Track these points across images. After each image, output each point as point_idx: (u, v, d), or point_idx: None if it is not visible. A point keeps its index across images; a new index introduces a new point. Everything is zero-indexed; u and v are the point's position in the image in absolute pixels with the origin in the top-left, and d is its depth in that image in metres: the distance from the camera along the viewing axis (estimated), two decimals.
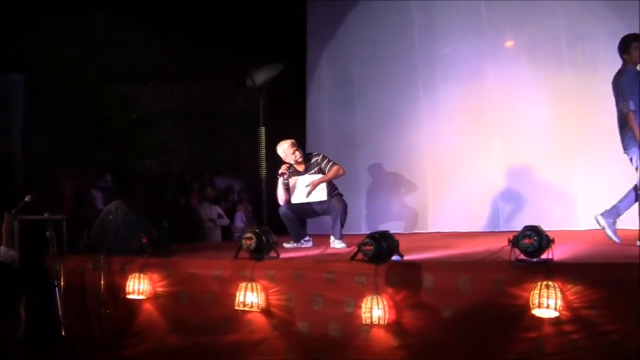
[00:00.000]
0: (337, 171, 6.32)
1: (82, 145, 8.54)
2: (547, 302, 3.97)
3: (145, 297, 5.55)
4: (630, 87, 5.08)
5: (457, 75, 8.33)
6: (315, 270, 4.95)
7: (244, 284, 5.01)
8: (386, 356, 4.56)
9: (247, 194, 10.14)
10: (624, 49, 5.21)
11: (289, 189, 6.43)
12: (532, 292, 4.03)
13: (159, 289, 5.57)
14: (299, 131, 9.07)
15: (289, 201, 6.42)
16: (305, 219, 6.94)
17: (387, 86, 8.84)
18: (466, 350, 4.34)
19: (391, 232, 4.82)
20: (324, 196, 6.27)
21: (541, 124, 7.79)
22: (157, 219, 6.13)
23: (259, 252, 5.16)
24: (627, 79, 5.11)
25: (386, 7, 8.85)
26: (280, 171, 6.48)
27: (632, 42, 5.18)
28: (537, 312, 4.03)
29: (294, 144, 6.49)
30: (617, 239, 5.21)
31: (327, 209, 6.32)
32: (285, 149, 6.46)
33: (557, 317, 4.01)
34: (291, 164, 6.48)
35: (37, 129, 7.95)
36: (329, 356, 4.78)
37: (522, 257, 4.22)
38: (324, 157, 6.44)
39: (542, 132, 7.78)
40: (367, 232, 5.43)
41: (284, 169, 6.47)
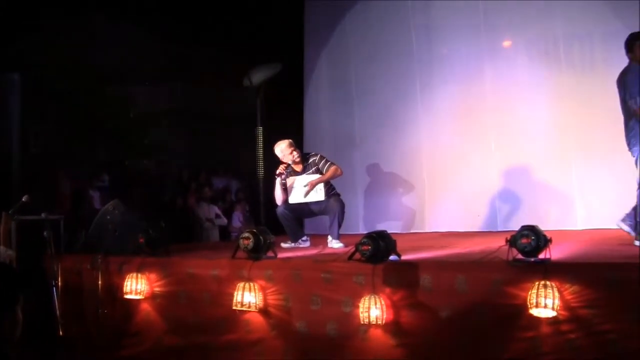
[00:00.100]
0: (335, 171, 6.32)
1: (79, 145, 8.53)
2: (545, 302, 3.96)
3: (142, 297, 5.54)
4: (636, 86, 5.06)
5: (454, 75, 8.34)
6: (312, 270, 4.94)
7: (241, 284, 5.00)
8: (384, 356, 4.55)
9: (244, 194, 10.13)
10: (630, 47, 5.19)
11: (286, 189, 6.42)
12: (530, 292, 4.02)
13: (157, 289, 5.56)
14: (297, 131, 9.08)
15: (286, 201, 6.41)
16: (302, 219, 6.95)
17: (384, 86, 8.85)
18: (464, 349, 4.34)
19: (389, 231, 4.81)
20: (322, 196, 6.27)
21: (539, 124, 7.80)
22: (154, 219, 6.12)
23: (257, 252, 5.15)
24: (632, 78, 5.09)
25: (384, 7, 8.86)
26: (278, 171, 6.47)
27: (637, 41, 5.15)
28: (534, 311, 4.02)
29: (292, 144, 6.48)
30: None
31: (324, 208, 6.31)
32: (283, 148, 6.45)
33: (555, 316, 4.01)
34: (289, 164, 6.47)
35: (35, 129, 7.95)
36: (327, 356, 4.77)
37: (520, 256, 4.22)
38: (322, 157, 6.43)
39: (539, 132, 7.79)
40: (365, 231, 5.42)
41: (281, 169, 6.47)
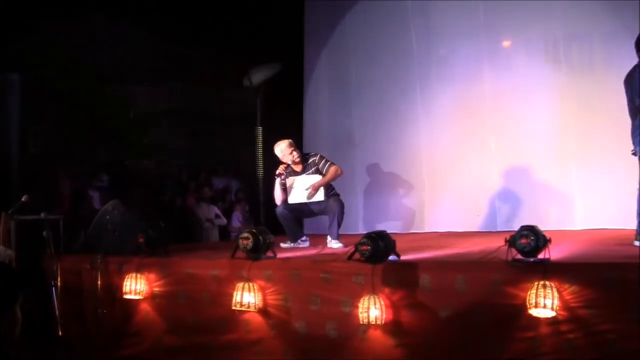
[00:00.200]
0: (335, 171, 6.31)
1: (79, 145, 8.52)
2: (544, 302, 3.96)
3: (142, 297, 5.54)
4: None
5: (454, 75, 8.34)
6: (312, 270, 4.94)
7: (241, 284, 5.00)
8: (383, 356, 4.55)
9: (244, 194, 10.13)
10: (639, 47, 5.18)
11: (286, 189, 6.42)
12: (529, 292, 4.03)
13: (156, 289, 5.56)
14: (296, 131, 9.08)
15: (286, 201, 6.41)
16: (302, 219, 6.95)
17: (384, 86, 8.85)
18: (463, 349, 4.34)
19: (388, 231, 4.81)
20: (321, 196, 6.26)
21: (538, 124, 7.80)
22: (154, 219, 6.12)
23: (256, 252, 5.15)
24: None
25: (384, 7, 8.86)
26: (277, 171, 6.47)
27: None
28: (533, 311, 4.02)
29: (292, 144, 6.48)
30: None
31: (324, 209, 6.31)
32: (283, 149, 6.45)
33: (554, 316, 4.01)
34: (288, 164, 6.47)
35: (34, 129, 7.94)
36: (326, 356, 4.78)
37: (519, 257, 4.22)
38: (322, 157, 6.43)
39: (539, 132, 7.79)
40: (364, 232, 5.42)
41: (281, 169, 6.46)
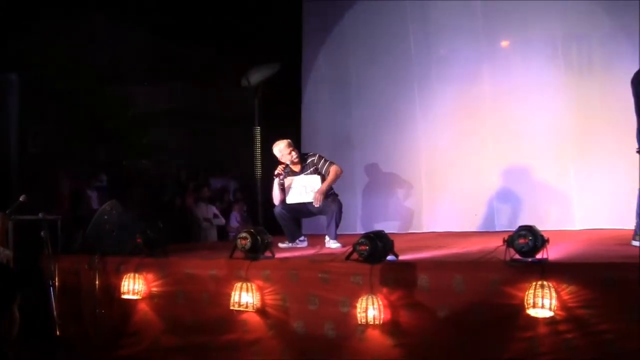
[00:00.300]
0: (336, 172, 6.30)
1: (78, 145, 8.51)
2: (542, 302, 3.97)
3: (140, 297, 5.53)
4: None
5: (452, 75, 8.34)
6: (310, 270, 4.95)
7: (239, 284, 5.00)
8: (381, 356, 4.56)
9: (242, 194, 10.13)
10: None
11: (284, 189, 6.42)
12: (527, 292, 4.03)
13: (154, 289, 5.56)
14: (295, 131, 9.07)
15: (284, 201, 6.40)
16: (300, 219, 6.94)
17: (383, 87, 8.84)
18: (461, 349, 4.34)
19: (386, 231, 4.82)
20: None
21: (537, 124, 7.79)
22: (152, 219, 6.11)
23: (254, 252, 5.15)
24: None
25: (382, 7, 8.85)
26: (276, 172, 6.47)
27: None
28: (531, 311, 4.03)
29: (290, 144, 6.47)
30: None
31: (322, 209, 6.29)
32: (281, 148, 6.44)
33: (552, 316, 4.02)
34: (287, 164, 6.47)
35: (33, 129, 7.93)
36: (324, 356, 4.78)
37: (517, 257, 4.22)
38: (320, 157, 6.43)
39: (537, 133, 7.79)
40: (362, 232, 5.43)
41: (280, 169, 6.46)
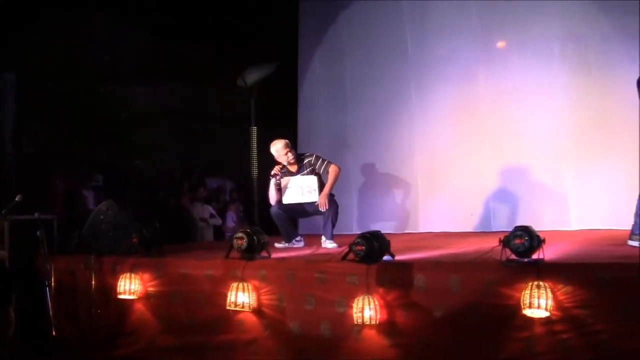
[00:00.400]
0: (336, 172, 6.30)
1: (75, 144, 8.49)
2: (538, 302, 3.98)
3: (136, 297, 5.54)
4: None
5: (449, 75, 8.33)
6: (306, 270, 4.95)
7: (235, 284, 5.01)
8: (377, 356, 4.56)
9: (238, 194, 10.11)
10: None
11: (281, 190, 6.41)
12: (523, 292, 4.04)
13: (150, 289, 5.56)
14: (291, 131, 9.06)
15: (280, 201, 6.40)
16: (296, 219, 6.93)
17: (379, 87, 8.83)
18: (457, 350, 4.35)
19: (382, 232, 4.82)
20: (316, 196, 6.25)
21: (533, 124, 7.79)
22: (148, 219, 6.11)
23: (251, 252, 5.15)
24: None
25: (378, 7, 8.84)
26: (272, 172, 6.46)
27: None
28: (528, 312, 4.04)
29: (288, 144, 6.46)
30: None
31: (318, 209, 6.31)
32: (278, 149, 6.43)
33: (548, 317, 4.03)
34: (284, 164, 6.47)
35: (29, 129, 7.92)
36: (321, 356, 4.78)
37: (513, 257, 4.23)
38: (318, 157, 6.42)
39: (534, 133, 7.78)
40: (359, 232, 5.42)
41: (276, 169, 6.45)
